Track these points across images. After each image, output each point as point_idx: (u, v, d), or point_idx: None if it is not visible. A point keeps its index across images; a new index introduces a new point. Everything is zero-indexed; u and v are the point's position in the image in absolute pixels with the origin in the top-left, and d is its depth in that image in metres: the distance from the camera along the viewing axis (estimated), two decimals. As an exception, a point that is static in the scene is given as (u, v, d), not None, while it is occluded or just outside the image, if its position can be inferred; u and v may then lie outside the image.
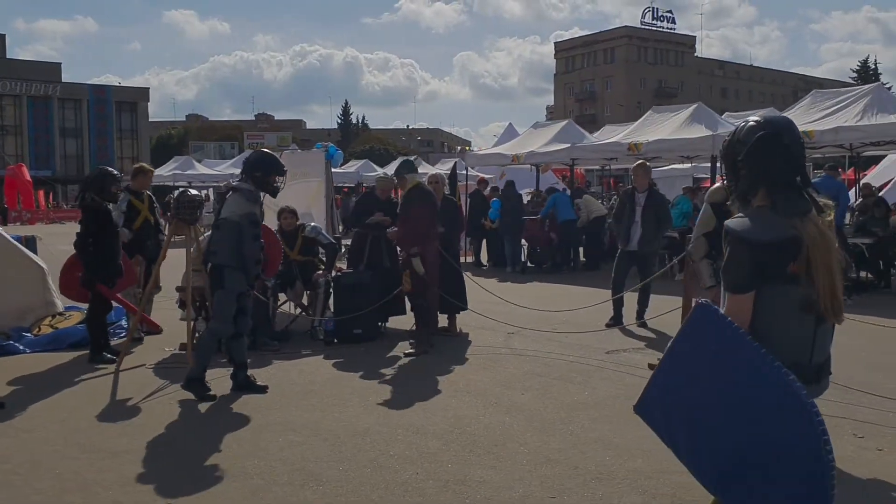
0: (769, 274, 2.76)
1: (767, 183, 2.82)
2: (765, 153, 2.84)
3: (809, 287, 2.77)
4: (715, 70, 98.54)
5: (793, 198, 2.81)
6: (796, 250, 2.74)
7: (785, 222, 2.75)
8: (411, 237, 7.86)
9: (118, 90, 76.82)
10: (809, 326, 2.85)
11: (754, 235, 2.75)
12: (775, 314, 2.79)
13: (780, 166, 2.83)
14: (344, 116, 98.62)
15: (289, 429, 5.43)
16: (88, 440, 5.22)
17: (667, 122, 15.97)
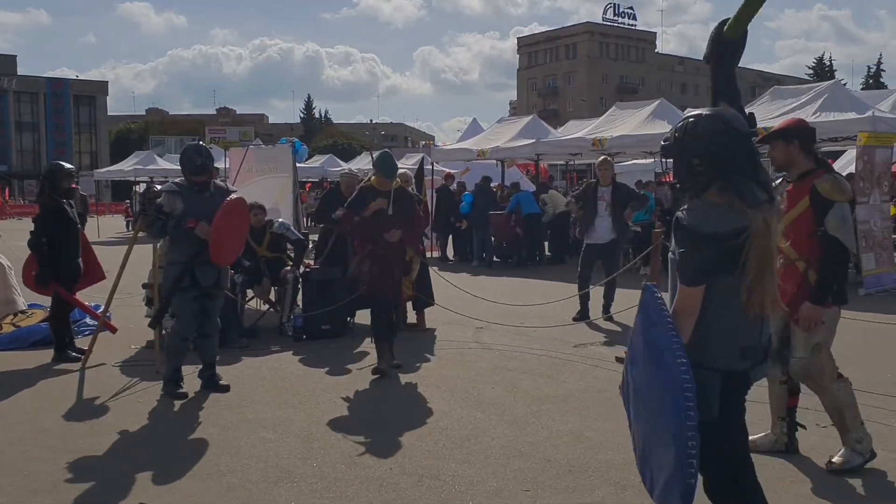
0: (719, 266, 2.76)
1: (727, 176, 2.80)
2: (726, 146, 2.81)
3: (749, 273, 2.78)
4: (675, 66, 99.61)
5: (752, 188, 2.81)
6: (745, 242, 2.73)
7: (737, 215, 2.74)
8: (419, 238, 7.85)
9: (76, 83, 75.26)
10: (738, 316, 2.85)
11: (707, 229, 2.75)
12: (728, 302, 2.79)
13: (742, 158, 2.82)
14: (307, 111, 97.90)
15: (260, 426, 5.41)
16: (56, 441, 5.16)
17: (630, 117, 16.18)
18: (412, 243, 7.33)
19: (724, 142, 2.81)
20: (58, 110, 71.61)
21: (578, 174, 35.26)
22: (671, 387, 2.62)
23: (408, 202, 6.95)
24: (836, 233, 4.32)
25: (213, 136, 62.96)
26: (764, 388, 4.73)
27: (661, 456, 2.69)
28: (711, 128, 2.83)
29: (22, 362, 7.37)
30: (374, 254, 6.78)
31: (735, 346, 2.81)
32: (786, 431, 4.75)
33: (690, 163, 2.86)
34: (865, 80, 73.28)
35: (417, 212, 7.12)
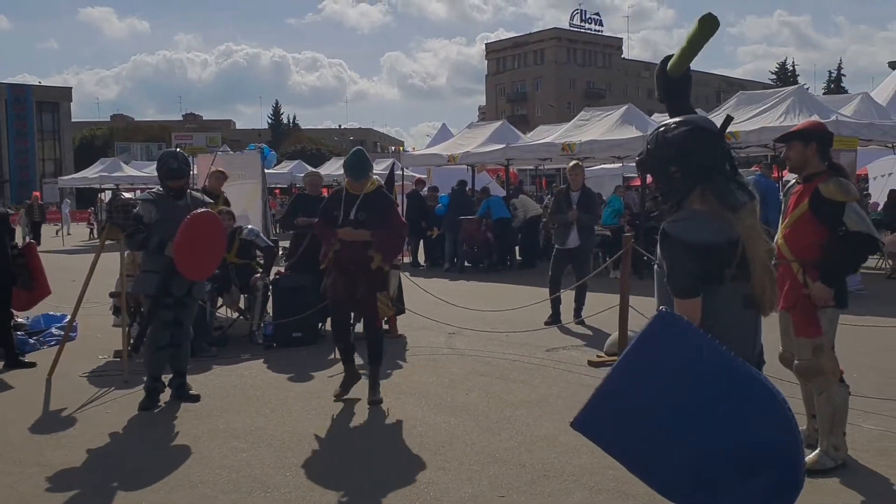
0: (714, 275, 2.76)
1: (705, 179, 2.80)
2: (699, 148, 2.80)
3: (747, 283, 2.80)
4: (641, 71, 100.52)
5: (732, 190, 2.81)
6: (734, 249, 2.75)
7: (723, 223, 2.76)
8: (398, 248, 6.70)
9: (39, 90, 74.14)
10: (752, 321, 2.90)
11: (694, 238, 2.73)
12: (721, 313, 2.78)
13: (718, 158, 2.83)
14: (275, 116, 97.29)
15: (232, 435, 5.35)
16: (23, 454, 5.05)
17: (598, 122, 16.28)
18: (383, 251, 6.07)
19: (698, 144, 2.79)
20: (20, 117, 70.44)
21: (548, 179, 35.50)
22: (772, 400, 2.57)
23: (382, 206, 6.13)
24: (860, 227, 4.37)
25: (179, 142, 61.96)
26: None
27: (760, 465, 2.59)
28: (683, 132, 2.82)
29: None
30: (336, 262, 6.13)
31: None
32: (817, 427, 4.77)
33: (668, 171, 2.85)
34: (827, 85, 74.63)
35: (395, 218, 6.23)
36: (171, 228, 5.92)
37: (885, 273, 13.51)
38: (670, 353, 2.63)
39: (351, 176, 6.16)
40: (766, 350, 3.18)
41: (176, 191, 6.21)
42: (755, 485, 2.59)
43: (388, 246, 6.14)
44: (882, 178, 20.34)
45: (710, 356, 2.60)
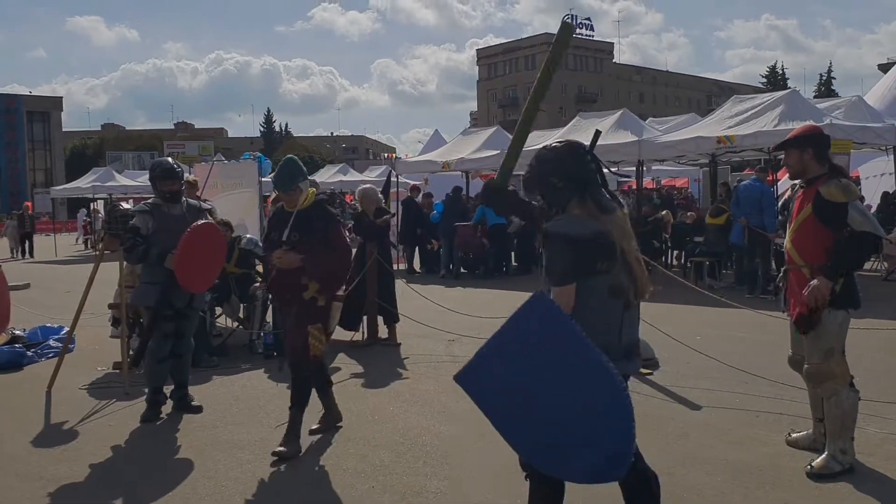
0: (587, 266, 3.13)
1: (583, 189, 3.22)
2: (576, 161, 3.27)
3: (618, 276, 3.18)
4: (633, 76, 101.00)
5: (605, 198, 3.25)
6: (609, 244, 3.14)
7: (596, 223, 3.14)
8: (340, 276, 5.45)
9: (29, 99, 73.92)
10: (618, 311, 3.23)
11: (572, 232, 3.13)
12: (590, 301, 3.15)
13: (591, 170, 3.27)
14: (267, 124, 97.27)
15: (236, 447, 5.32)
16: (26, 468, 5.01)
17: (593, 127, 16.26)
18: (319, 279, 5.13)
19: (575, 158, 3.29)
20: (10, 126, 70.21)
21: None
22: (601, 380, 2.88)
23: (318, 225, 5.22)
24: (864, 227, 4.39)
25: (171, 151, 62.14)
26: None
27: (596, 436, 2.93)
28: (562, 150, 3.34)
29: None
30: (275, 289, 5.47)
31: (596, 341, 2.98)
32: (823, 432, 4.76)
33: (551, 182, 3.29)
34: (818, 88, 74.97)
35: (335, 238, 5.24)
36: (170, 238, 5.90)
37: (881, 275, 13.56)
38: (536, 329, 2.96)
39: (277, 187, 5.39)
40: (775, 353, 3.18)
41: (171, 194, 6.16)
42: (596, 454, 2.94)
43: (324, 273, 5.15)
44: (874, 178, 20.42)
45: (569, 338, 2.92)
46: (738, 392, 6.34)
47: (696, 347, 7.47)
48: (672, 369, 7.21)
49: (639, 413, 5.74)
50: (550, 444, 3.02)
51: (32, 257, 25.79)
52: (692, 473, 4.63)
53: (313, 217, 5.26)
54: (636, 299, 3.26)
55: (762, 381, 6.42)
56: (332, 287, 5.30)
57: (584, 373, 2.90)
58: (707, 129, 14.12)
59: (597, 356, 2.88)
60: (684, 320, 9.63)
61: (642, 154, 14.42)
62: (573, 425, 2.95)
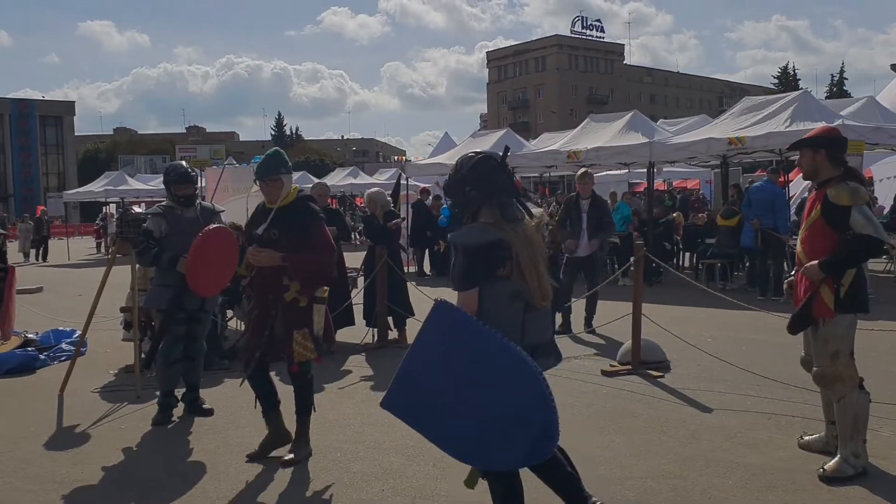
0: (484, 272, 3.34)
1: (492, 198, 3.43)
2: (488, 172, 3.47)
3: (517, 281, 3.38)
4: (644, 77, 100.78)
5: (511, 207, 3.47)
6: (505, 251, 3.36)
7: (499, 231, 3.37)
8: (322, 276, 5.07)
9: (42, 104, 74.41)
10: (519, 313, 3.41)
11: (469, 241, 3.36)
12: (491, 304, 3.35)
13: (501, 180, 3.47)
14: (278, 128, 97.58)
15: (247, 450, 5.31)
16: (39, 471, 5.04)
17: (604, 129, 16.30)
18: (301, 279, 4.91)
19: (486, 169, 3.49)
20: (24, 131, 70.71)
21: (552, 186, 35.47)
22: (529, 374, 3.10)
23: (300, 222, 4.99)
24: (866, 230, 4.36)
25: (183, 155, 62.38)
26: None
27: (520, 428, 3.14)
28: (475, 161, 3.54)
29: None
30: (253, 288, 5.23)
31: None
32: (835, 435, 4.73)
33: (465, 191, 3.50)
34: (829, 89, 74.56)
35: (318, 237, 4.99)
36: (183, 241, 5.92)
37: (893, 276, 13.48)
38: (446, 336, 3.17)
39: (257, 176, 5.15)
40: (788, 355, 3.17)
41: (185, 198, 6.20)
42: (526, 435, 3.14)
43: (306, 273, 4.90)
44: (888, 180, 20.31)
45: (477, 338, 3.13)
46: (750, 395, 6.31)
47: (707, 350, 7.44)
48: (683, 372, 7.18)
49: (649, 416, 5.77)
50: (483, 438, 3.18)
51: (46, 261, 25.93)
52: (703, 477, 4.61)
53: (294, 214, 5.01)
54: (539, 303, 3.43)
55: (774, 384, 6.39)
56: (314, 287, 4.98)
57: (497, 364, 3.12)
58: (718, 131, 14.08)
59: (505, 346, 3.12)
60: (696, 322, 9.60)
61: (653, 156, 14.39)
62: (500, 415, 3.14)
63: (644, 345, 7.29)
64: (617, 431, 5.51)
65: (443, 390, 3.17)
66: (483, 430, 3.15)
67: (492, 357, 3.12)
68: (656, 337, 7.61)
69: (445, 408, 3.19)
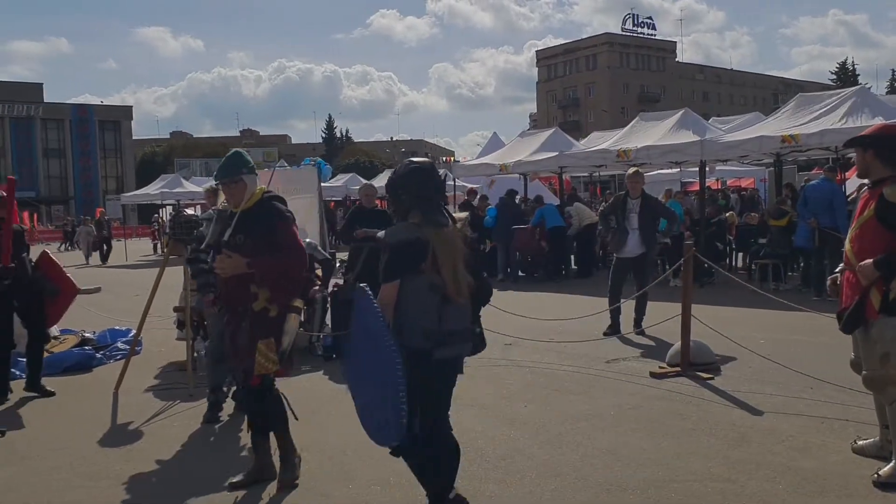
0: (405, 266, 3.74)
1: (419, 203, 3.81)
2: (418, 180, 3.85)
3: (436, 276, 3.74)
4: (696, 74, 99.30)
5: (436, 213, 3.83)
6: (423, 249, 3.72)
7: (416, 230, 3.75)
8: (293, 281, 4.72)
9: (101, 109, 76.45)
10: (436, 303, 3.76)
11: (393, 238, 3.78)
12: (413, 294, 3.74)
13: (429, 189, 3.85)
14: (328, 130, 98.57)
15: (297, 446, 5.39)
16: (93, 468, 5.18)
17: (654, 128, 16.09)
18: (270, 286, 4.54)
19: (416, 177, 3.88)
20: (83, 136, 72.75)
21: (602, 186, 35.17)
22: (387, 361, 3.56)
23: (266, 225, 4.63)
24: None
25: (236, 158, 63.35)
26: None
27: (381, 410, 3.71)
28: (408, 169, 3.93)
29: (55, 387, 7.39)
30: (222, 301, 4.94)
31: (419, 330, 3.71)
32: (890, 439, 4.62)
33: (398, 194, 3.90)
34: (890, 84, 72.43)
35: (286, 240, 4.62)
36: None
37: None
38: (359, 318, 3.77)
39: (217, 177, 4.85)
40: (842, 357, 3.10)
41: None
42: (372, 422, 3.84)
43: (274, 277, 4.53)
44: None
45: (372, 322, 3.66)
46: (803, 397, 6.17)
47: (759, 351, 7.30)
48: (733, 374, 7.05)
49: (697, 418, 5.69)
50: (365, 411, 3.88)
51: (107, 262, 26.57)
52: (752, 481, 4.52)
53: (259, 216, 4.66)
54: (454, 296, 3.78)
55: (828, 386, 6.23)
56: (284, 294, 4.61)
57: (379, 350, 3.61)
58: (771, 128, 13.79)
59: (386, 344, 3.58)
60: (747, 323, 9.43)
61: (704, 154, 14.14)
62: (373, 395, 3.74)
63: (693, 346, 7.19)
64: (664, 433, 5.45)
65: (356, 361, 3.87)
66: (363, 405, 3.89)
67: (376, 347, 3.63)
68: (707, 338, 7.49)
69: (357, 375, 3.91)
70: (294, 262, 4.66)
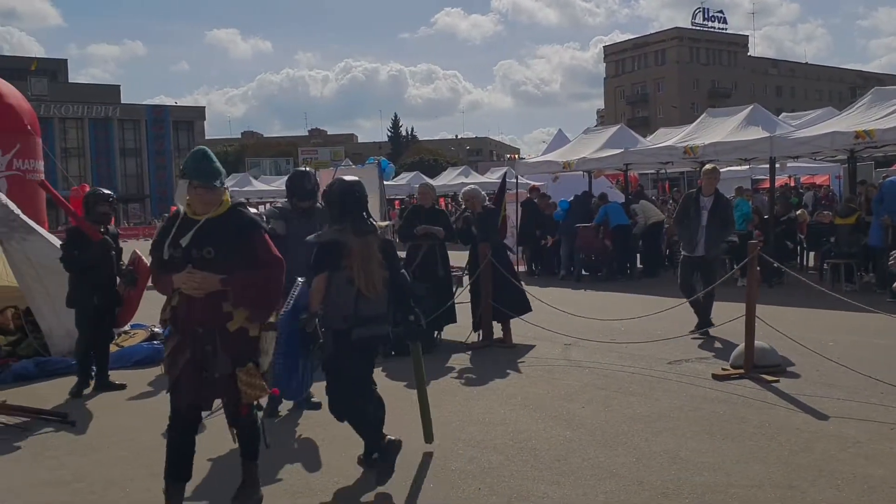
0: (326, 263, 4.60)
1: (344, 215, 4.68)
2: (342, 198, 4.73)
3: (351, 272, 4.56)
4: (769, 69, 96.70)
5: (358, 222, 4.68)
6: (341, 250, 4.56)
7: (338, 234, 4.62)
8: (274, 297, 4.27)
9: (175, 109, 78.68)
10: (351, 293, 4.59)
11: (318, 240, 4.69)
12: (335, 286, 4.59)
13: (354, 206, 4.71)
14: (394, 129, 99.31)
15: (351, 444, 5.42)
16: (157, 460, 5.27)
17: (722, 124, 15.71)
18: (248, 304, 4.10)
19: (345, 196, 4.75)
20: (158, 136, 74.95)
21: (671, 182, 34.55)
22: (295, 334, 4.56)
23: (240, 235, 4.12)
24: None
25: (305, 157, 64.46)
26: None
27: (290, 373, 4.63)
28: (340, 188, 4.80)
29: (125, 380, 7.62)
30: (176, 321, 4.17)
31: (339, 314, 4.59)
32: None
33: (332, 207, 4.79)
34: (977, 76, 69.15)
35: (263, 252, 4.17)
36: (301, 245, 6.14)
37: None
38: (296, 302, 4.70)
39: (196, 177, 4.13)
40: None
41: (305, 211, 6.48)
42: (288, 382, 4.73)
43: (254, 297, 4.10)
44: None
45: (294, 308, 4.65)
46: (873, 402, 5.95)
47: (827, 354, 7.06)
48: (799, 377, 6.85)
49: (760, 422, 5.55)
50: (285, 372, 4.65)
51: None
52: (815, 487, 4.38)
53: (231, 226, 4.12)
54: (364, 290, 4.58)
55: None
56: (265, 312, 4.23)
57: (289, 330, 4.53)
58: (844, 124, 13.30)
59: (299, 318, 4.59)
60: (816, 325, 9.15)
61: (774, 151, 13.73)
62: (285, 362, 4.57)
63: (758, 348, 7.00)
64: (724, 437, 5.32)
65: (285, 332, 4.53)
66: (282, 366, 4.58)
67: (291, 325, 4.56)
68: (773, 340, 7.29)
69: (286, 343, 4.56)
70: (276, 276, 4.20)
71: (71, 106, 70.51)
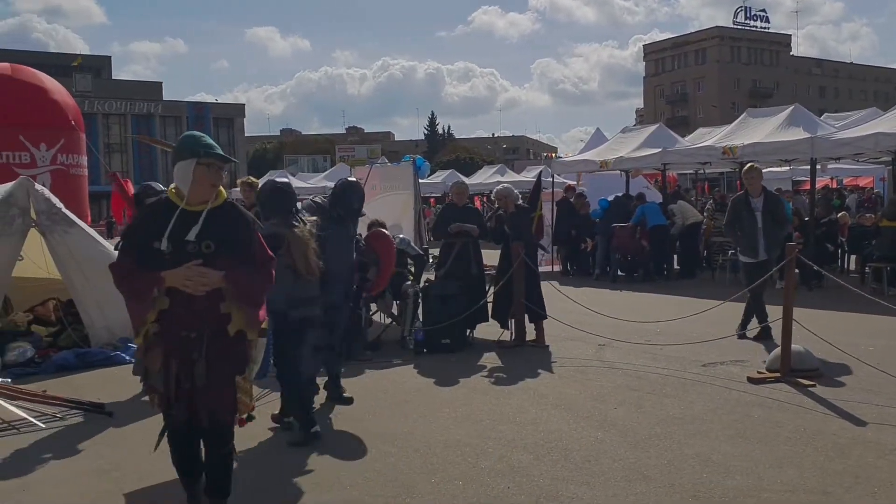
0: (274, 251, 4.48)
1: (277, 213, 5.41)
2: (277, 200, 5.50)
3: (289, 259, 5.20)
4: (812, 68, 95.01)
5: (288, 218, 5.38)
6: (280, 240, 5.11)
7: (275, 228, 5.23)
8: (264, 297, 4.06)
9: (215, 107, 79.57)
10: (290, 278, 5.22)
11: (265, 233, 4.58)
12: (279, 271, 4.37)
13: (284, 204, 5.47)
14: (430, 127, 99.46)
15: (381, 439, 5.49)
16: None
17: (762, 124, 15.48)
18: (247, 304, 3.85)
19: (277, 196, 5.54)
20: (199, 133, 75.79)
21: (710, 183, 34.15)
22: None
23: (239, 229, 3.90)
24: None
25: (342, 155, 64.85)
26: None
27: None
28: (271, 190, 5.63)
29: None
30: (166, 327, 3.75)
31: (282, 296, 5.10)
32: None
33: (264, 206, 5.57)
34: None
35: (259, 249, 3.95)
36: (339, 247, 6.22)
37: None
38: None
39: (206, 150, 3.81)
40: None
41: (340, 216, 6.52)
42: None
43: (252, 296, 3.87)
44: None
45: None
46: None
47: (866, 359, 6.94)
48: (837, 382, 6.73)
49: (794, 426, 5.48)
50: None
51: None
52: (849, 494, 4.31)
53: (230, 218, 3.88)
54: (303, 275, 5.29)
55: (942, 399, 5.87)
56: (257, 312, 3.95)
57: None
58: (888, 125, 13.01)
59: None
60: (856, 329, 8.98)
61: (815, 152, 13.50)
62: None
63: (795, 352, 6.89)
64: (758, 441, 5.25)
65: None
66: None
67: None
68: (811, 344, 7.18)
69: None
70: (269, 278, 3.98)
71: (114, 102, 71.68)
